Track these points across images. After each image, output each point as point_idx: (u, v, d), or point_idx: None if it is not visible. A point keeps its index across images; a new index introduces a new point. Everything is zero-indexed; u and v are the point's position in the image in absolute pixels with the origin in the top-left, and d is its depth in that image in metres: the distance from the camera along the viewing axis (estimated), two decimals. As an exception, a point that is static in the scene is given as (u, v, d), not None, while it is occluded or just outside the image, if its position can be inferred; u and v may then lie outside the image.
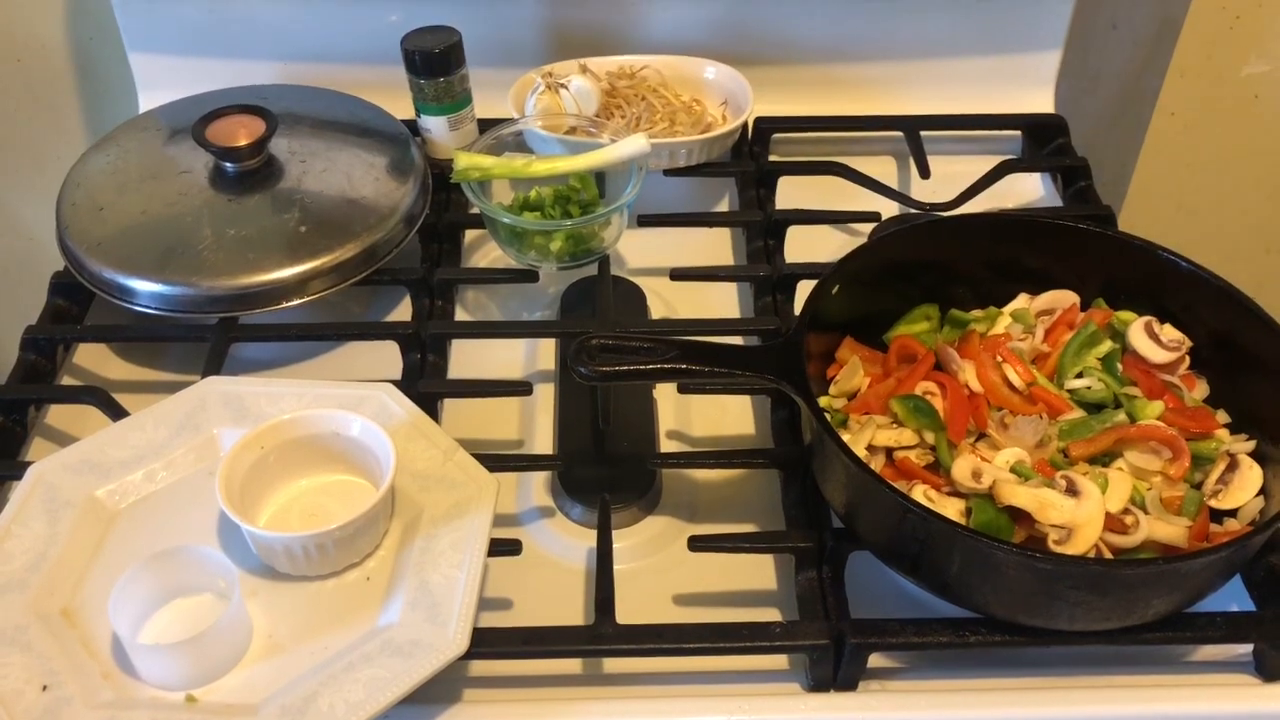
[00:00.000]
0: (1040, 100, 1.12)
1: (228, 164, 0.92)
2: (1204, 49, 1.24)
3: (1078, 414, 0.74)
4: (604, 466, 0.81)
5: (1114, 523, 0.67)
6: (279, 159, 0.94)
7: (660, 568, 0.77)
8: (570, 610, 0.74)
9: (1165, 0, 1.21)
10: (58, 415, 0.86)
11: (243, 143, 0.91)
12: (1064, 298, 0.81)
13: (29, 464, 0.74)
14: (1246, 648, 0.71)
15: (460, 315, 0.95)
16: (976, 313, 0.82)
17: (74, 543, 0.70)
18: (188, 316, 0.87)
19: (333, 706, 0.61)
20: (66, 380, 0.90)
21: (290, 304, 0.86)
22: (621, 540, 0.77)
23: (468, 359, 0.90)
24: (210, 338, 0.86)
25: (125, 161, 0.96)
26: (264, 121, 0.92)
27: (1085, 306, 0.81)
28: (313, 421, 0.72)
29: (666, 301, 0.96)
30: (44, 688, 0.62)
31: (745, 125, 1.05)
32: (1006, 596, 0.66)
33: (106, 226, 0.90)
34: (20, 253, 1.34)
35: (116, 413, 0.80)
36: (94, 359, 0.91)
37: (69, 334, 0.91)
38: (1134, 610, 0.66)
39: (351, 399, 0.76)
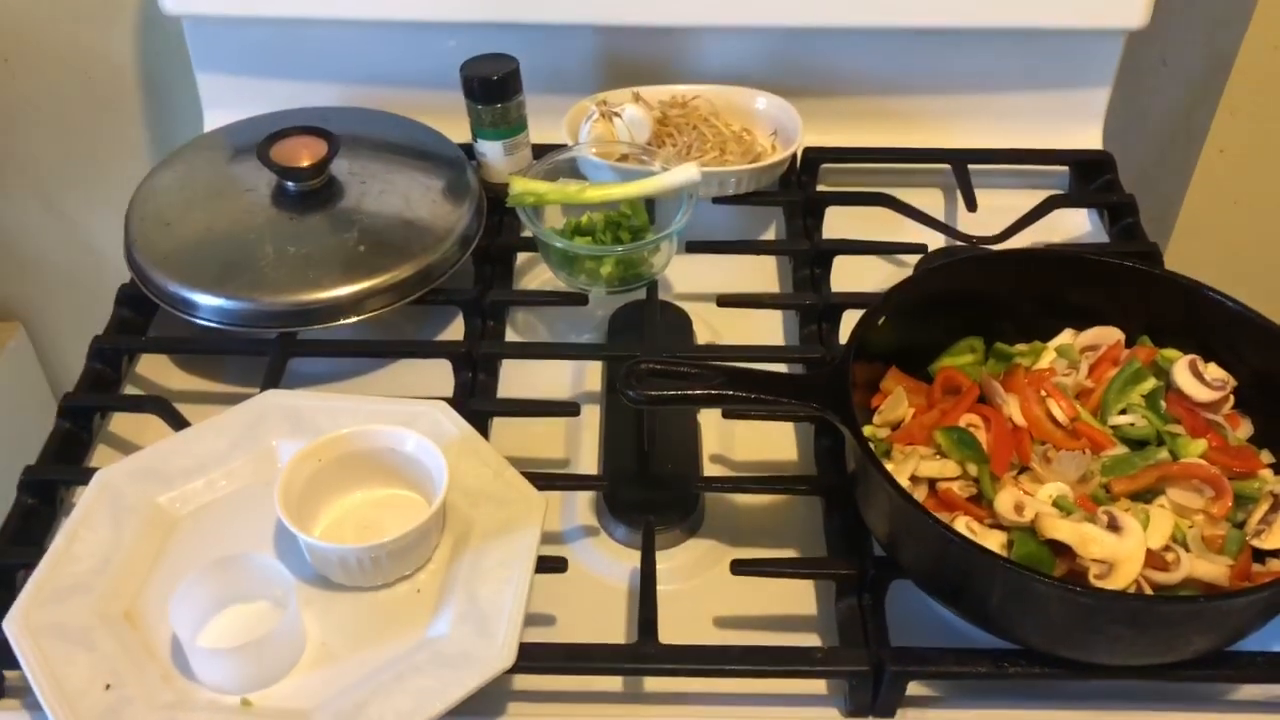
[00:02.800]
0: (1089, 136, 1.13)
1: (290, 183, 0.95)
2: (1255, 87, 1.24)
3: (1121, 450, 0.75)
4: (648, 488, 0.82)
5: (1155, 559, 0.68)
6: (339, 179, 0.97)
7: (702, 590, 0.78)
8: (613, 628, 0.75)
9: (1216, 38, 1.21)
10: (121, 423, 0.89)
11: (305, 163, 0.94)
12: (1109, 334, 0.82)
13: (95, 470, 0.76)
14: (1287, 688, 0.71)
15: (510, 336, 0.97)
16: (1021, 347, 0.83)
17: (137, 547, 0.72)
18: (248, 331, 0.89)
19: (382, 715, 0.63)
20: (130, 390, 0.92)
21: (347, 321, 0.89)
22: (664, 561, 0.78)
23: (517, 379, 0.92)
24: (269, 352, 0.88)
25: (191, 179, 0.99)
26: (326, 143, 0.95)
27: (1130, 343, 0.82)
28: (369, 436, 0.74)
29: (712, 327, 0.97)
30: (107, 687, 0.64)
31: (794, 155, 1.07)
32: (1046, 629, 0.66)
33: (172, 241, 0.93)
34: (87, 265, 1.38)
35: (178, 422, 0.82)
36: (157, 370, 0.94)
37: (134, 345, 0.94)
38: (1174, 647, 0.66)
39: (406, 415, 0.78)
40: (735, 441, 0.88)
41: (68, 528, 0.72)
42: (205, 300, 0.89)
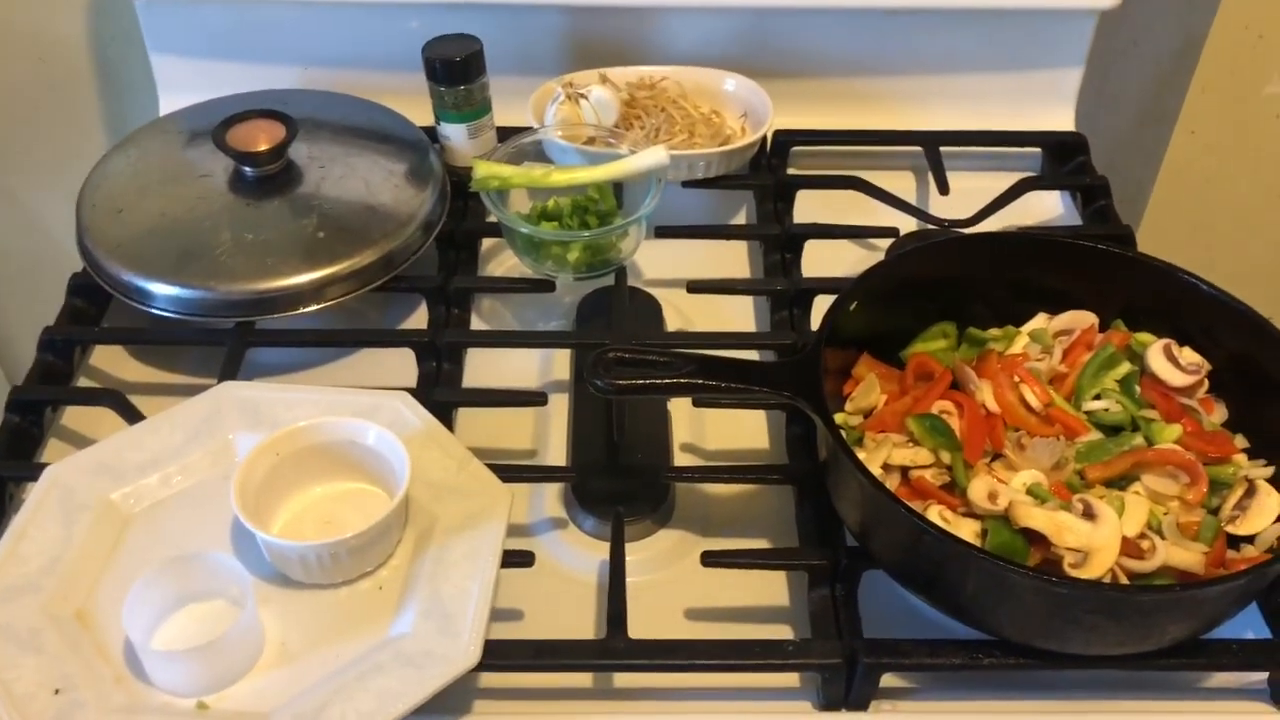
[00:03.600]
0: (1061, 118, 1.12)
1: (247, 168, 0.93)
2: (1226, 67, 1.24)
3: (1095, 436, 0.74)
4: (617, 479, 0.81)
5: (1130, 547, 0.67)
6: (298, 164, 0.94)
7: (672, 582, 0.77)
8: (581, 623, 0.74)
9: (1187, 18, 1.21)
10: (74, 417, 0.86)
11: (263, 147, 0.92)
12: (1082, 318, 0.81)
13: (45, 465, 0.74)
14: (1261, 676, 0.70)
15: (476, 323, 0.95)
16: (994, 331, 0.82)
17: (89, 546, 0.70)
18: (204, 320, 0.87)
19: (344, 716, 0.61)
20: (83, 382, 0.90)
21: (307, 310, 0.87)
22: (634, 554, 0.76)
23: (483, 368, 0.90)
24: (227, 342, 0.86)
25: (145, 164, 0.97)
26: (284, 126, 0.93)
27: (1104, 327, 0.81)
28: (328, 429, 0.73)
29: (682, 313, 0.96)
30: (56, 691, 0.62)
31: (764, 138, 1.05)
32: (1021, 619, 0.66)
33: (125, 229, 0.91)
34: (39, 253, 1.35)
35: (133, 416, 0.80)
36: (111, 361, 0.92)
37: (86, 335, 0.91)
38: (1149, 636, 0.65)
39: (367, 406, 0.76)
40: (706, 430, 0.86)
41: (16, 526, 0.70)
42: (160, 289, 0.86)
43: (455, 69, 0.96)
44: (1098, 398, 0.76)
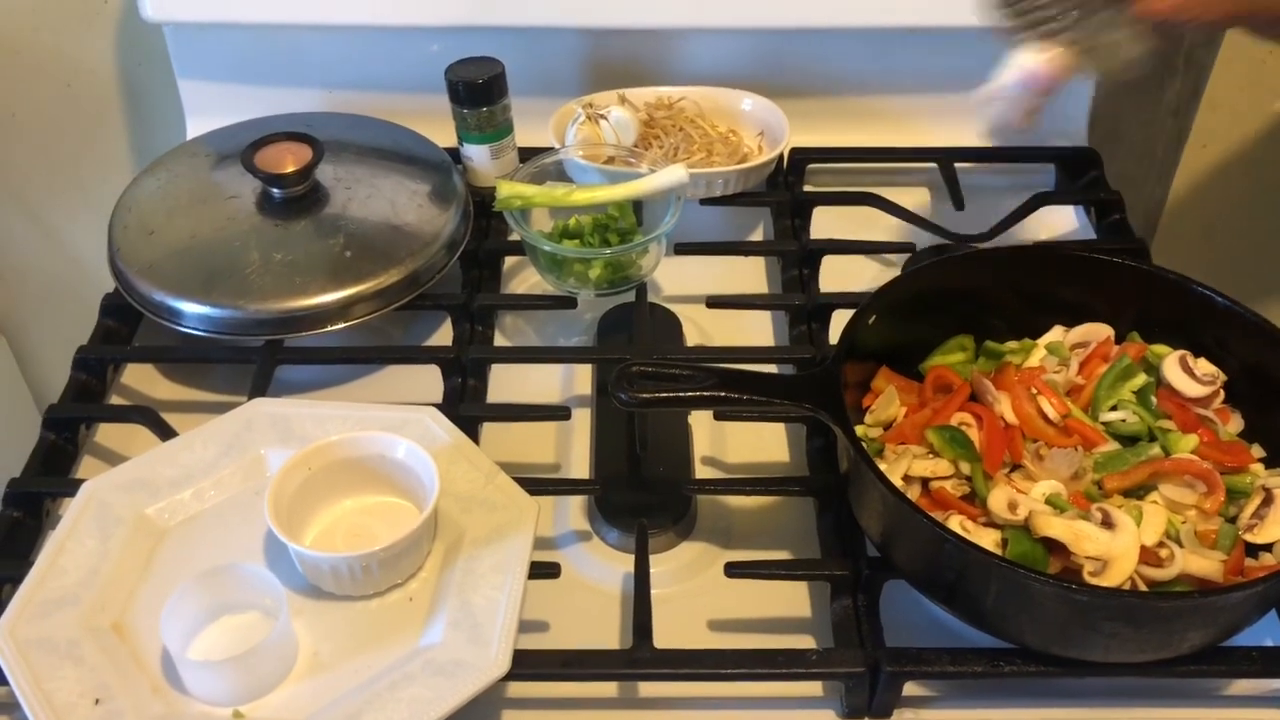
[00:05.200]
0: (1074, 133, 1.13)
1: (275, 190, 0.94)
2: (1236, 83, 1.25)
3: (1112, 447, 0.75)
4: (640, 492, 0.82)
5: (1149, 556, 0.68)
6: (325, 185, 0.96)
7: (696, 593, 0.78)
8: (606, 634, 0.75)
9: (1198, 35, 1.22)
10: (107, 434, 0.88)
11: (290, 169, 0.93)
12: (1098, 330, 0.82)
13: (81, 481, 0.76)
14: (1281, 683, 0.71)
15: (499, 340, 0.96)
16: (1011, 344, 0.83)
17: (125, 559, 0.72)
18: (234, 339, 0.89)
19: (376, 724, 0.62)
20: (115, 400, 0.92)
21: (334, 328, 0.88)
22: (657, 565, 0.77)
23: (506, 383, 0.91)
24: (256, 360, 0.88)
25: (175, 186, 0.99)
26: (311, 148, 0.94)
27: (1120, 339, 0.82)
28: (359, 443, 0.74)
29: (702, 329, 0.97)
30: (96, 701, 0.64)
31: (781, 156, 1.07)
32: (1041, 627, 0.66)
33: (156, 249, 0.92)
34: (67, 275, 1.36)
35: (165, 432, 0.82)
36: (142, 379, 0.93)
37: (119, 354, 0.93)
38: (1168, 643, 0.66)
39: (395, 421, 0.78)
40: (727, 443, 0.87)
41: (55, 540, 0.72)
42: (190, 308, 0.88)
43: (478, 91, 0.98)
44: (1115, 409, 0.77)
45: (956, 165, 1.08)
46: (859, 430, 0.78)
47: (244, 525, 0.74)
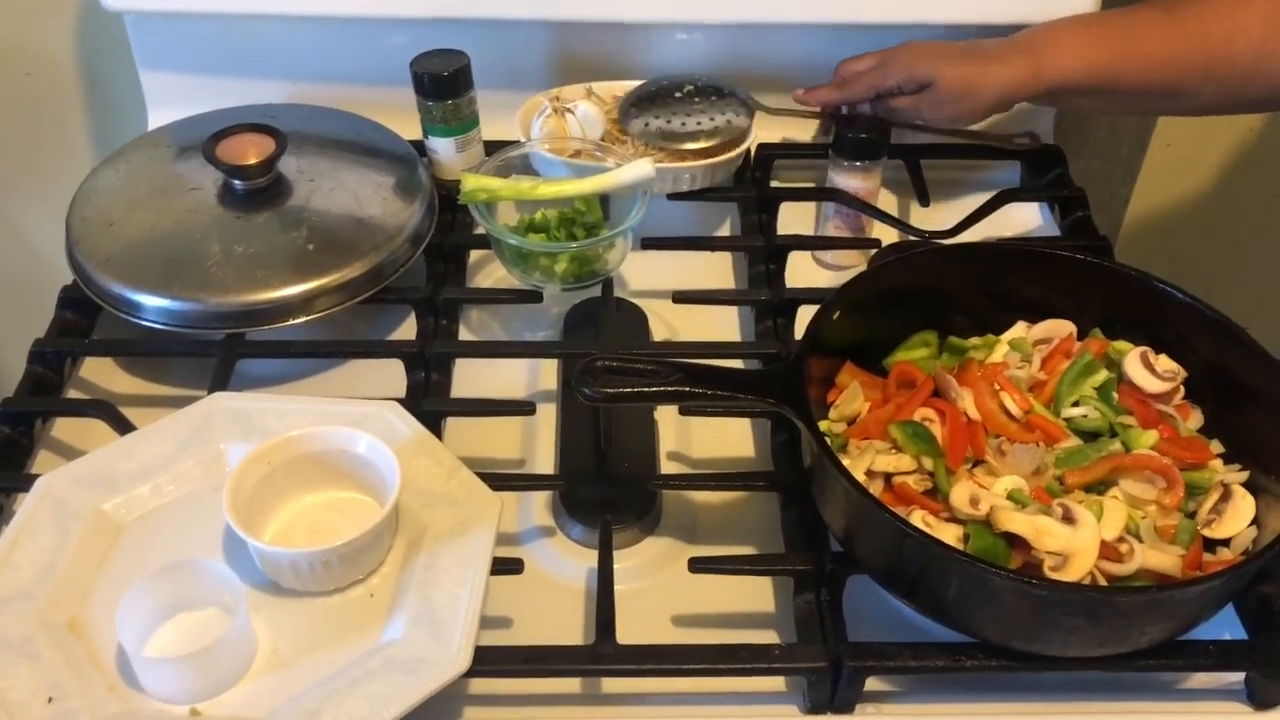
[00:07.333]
0: (1039, 130, 1.14)
1: (237, 182, 0.93)
2: (1200, 83, 1.26)
3: (1074, 442, 0.75)
4: (605, 487, 0.82)
5: (1109, 550, 0.68)
6: (288, 177, 0.95)
7: (660, 588, 0.77)
8: (570, 630, 0.75)
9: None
10: (64, 428, 0.87)
11: (252, 161, 0.92)
12: (1061, 327, 0.83)
13: (36, 476, 0.75)
14: (1238, 676, 0.71)
15: (464, 334, 0.96)
16: (975, 340, 0.83)
17: (81, 555, 0.71)
18: (194, 332, 0.88)
19: (336, 722, 0.62)
20: (73, 394, 0.90)
21: (296, 321, 0.87)
22: (621, 561, 0.77)
23: (471, 378, 0.91)
24: (216, 353, 0.87)
25: (135, 178, 0.97)
26: (273, 140, 0.93)
27: (1082, 336, 0.82)
28: (320, 438, 0.73)
29: (668, 324, 0.97)
30: (49, 699, 0.63)
31: (748, 152, 1.06)
32: (1002, 622, 0.67)
33: (115, 242, 0.91)
34: (27, 267, 1.35)
35: (123, 426, 0.81)
36: (100, 373, 0.92)
37: (76, 347, 0.92)
38: (1127, 637, 0.67)
39: (357, 416, 0.77)
40: (692, 439, 0.87)
41: (9, 535, 0.71)
42: (150, 301, 0.87)
43: (443, 83, 0.97)
44: (1076, 405, 0.78)
45: (922, 161, 1.09)
46: (823, 425, 0.78)
47: (203, 521, 0.73)
